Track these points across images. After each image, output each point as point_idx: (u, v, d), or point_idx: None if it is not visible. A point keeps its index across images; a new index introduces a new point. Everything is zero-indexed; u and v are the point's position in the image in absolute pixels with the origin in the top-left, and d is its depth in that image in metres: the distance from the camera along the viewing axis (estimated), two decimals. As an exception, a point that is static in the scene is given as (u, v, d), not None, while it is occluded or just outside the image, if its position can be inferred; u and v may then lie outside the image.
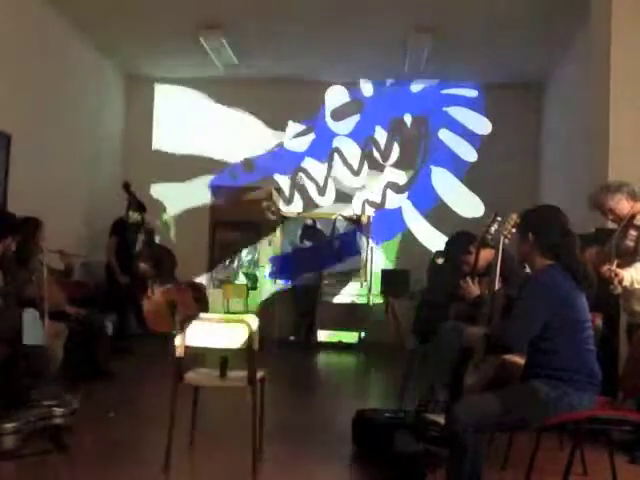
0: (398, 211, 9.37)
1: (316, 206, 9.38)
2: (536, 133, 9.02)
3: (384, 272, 9.02)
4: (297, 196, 9.42)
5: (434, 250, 8.52)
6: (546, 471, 3.47)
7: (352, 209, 9.37)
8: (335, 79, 9.30)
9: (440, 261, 7.71)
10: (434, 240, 8.96)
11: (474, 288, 3.73)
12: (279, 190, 9.41)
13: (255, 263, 9.39)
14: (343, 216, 9.32)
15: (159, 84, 9.34)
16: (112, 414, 4.63)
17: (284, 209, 9.38)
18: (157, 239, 8.28)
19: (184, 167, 9.23)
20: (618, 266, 3.72)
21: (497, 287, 3.37)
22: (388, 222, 9.30)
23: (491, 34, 7.26)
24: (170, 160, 9.26)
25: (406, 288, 8.70)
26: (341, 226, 9.31)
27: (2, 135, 6.24)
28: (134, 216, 7.74)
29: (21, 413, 3.84)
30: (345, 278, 9.23)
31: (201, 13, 7.06)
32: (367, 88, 9.40)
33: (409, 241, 9.27)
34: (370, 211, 9.36)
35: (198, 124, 9.32)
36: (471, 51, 7.83)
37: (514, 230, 3.25)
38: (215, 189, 9.38)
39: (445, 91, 9.29)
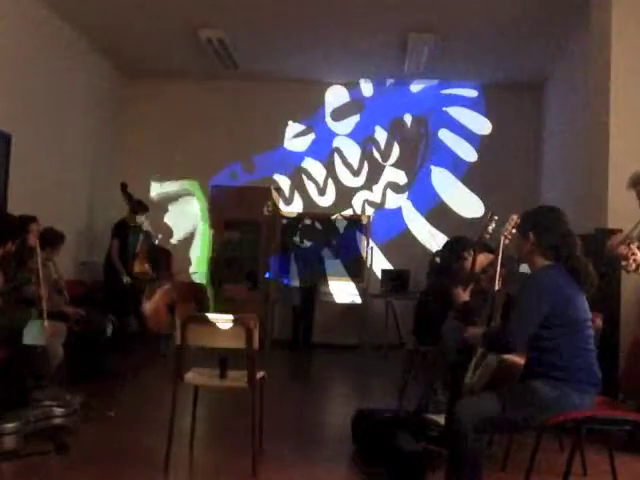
0: (398, 211, 9.37)
1: (316, 206, 9.38)
2: (536, 133, 9.01)
3: (384, 272, 9.02)
4: (297, 196, 9.42)
5: (434, 250, 8.54)
6: (546, 471, 3.47)
7: (352, 209, 9.38)
8: (335, 79, 9.30)
9: (439, 260, 7.72)
10: (434, 240, 8.96)
11: (462, 295, 3.78)
12: (279, 190, 9.40)
13: (255, 263, 9.38)
14: (343, 216, 9.32)
15: (159, 83, 9.33)
16: (112, 414, 4.63)
17: (284, 209, 9.38)
18: (156, 240, 8.27)
19: (184, 167, 9.22)
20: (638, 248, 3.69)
21: (497, 287, 3.37)
22: (388, 222, 9.29)
23: (491, 34, 7.26)
24: (170, 160, 9.25)
25: (406, 288, 8.71)
26: (341, 226, 9.32)
27: (2, 135, 6.24)
28: (139, 219, 7.74)
29: (21, 413, 3.84)
30: (344, 278, 9.23)
31: (201, 12, 7.06)
32: (367, 88, 9.40)
33: (409, 241, 9.25)
34: (370, 211, 9.36)
35: (198, 123, 9.31)
36: (471, 51, 7.83)
37: (514, 231, 3.25)
38: (215, 189, 9.38)
39: (445, 91, 9.29)
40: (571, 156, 7.23)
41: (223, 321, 3.59)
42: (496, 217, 3.69)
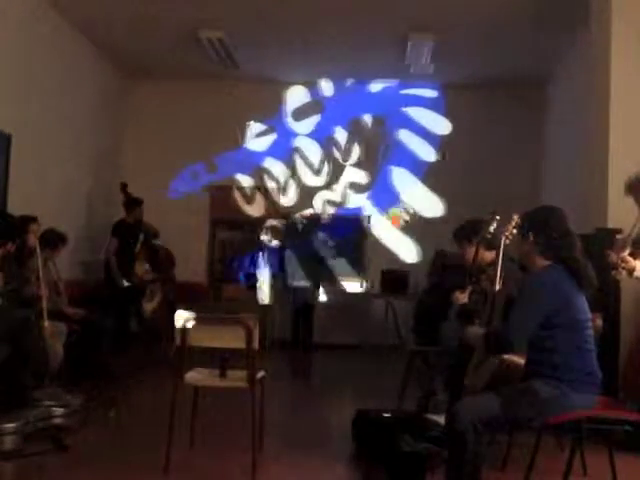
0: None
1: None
2: (536, 133, 9.00)
3: (384, 272, 9.00)
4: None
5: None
6: (546, 471, 3.47)
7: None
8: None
9: (455, 233, 7.69)
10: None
11: (461, 298, 3.79)
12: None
13: (254, 263, 9.37)
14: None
15: (159, 84, 9.31)
16: (112, 414, 4.63)
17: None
18: (156, 240, 8.26)
19: (184, 166, 9.19)
20: (630, 255, 3.69)
21: (497, 287, 3.37)
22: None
23: (491, 34, 7.25)
24: (170, 159, 9.23)
25: (406, 288, 8.71)
26: (341, 226, 9.28)
27: (2, 135, 6.24)
28: (134, 214, 7.75)
29: (21, 413, 3.85)
30: (345, 278, 9.22)
31: (201, 12, 7.05)
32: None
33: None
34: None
35: (198, 123, 9.29)
36: (471, 51, 7.82)
37: (515, 231, 3.25)
38: (216, 189, 9.33)
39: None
40: (571, 156, 7.23)
41: (223, 321, 3.59)
42: (498, 217, 3.69)
